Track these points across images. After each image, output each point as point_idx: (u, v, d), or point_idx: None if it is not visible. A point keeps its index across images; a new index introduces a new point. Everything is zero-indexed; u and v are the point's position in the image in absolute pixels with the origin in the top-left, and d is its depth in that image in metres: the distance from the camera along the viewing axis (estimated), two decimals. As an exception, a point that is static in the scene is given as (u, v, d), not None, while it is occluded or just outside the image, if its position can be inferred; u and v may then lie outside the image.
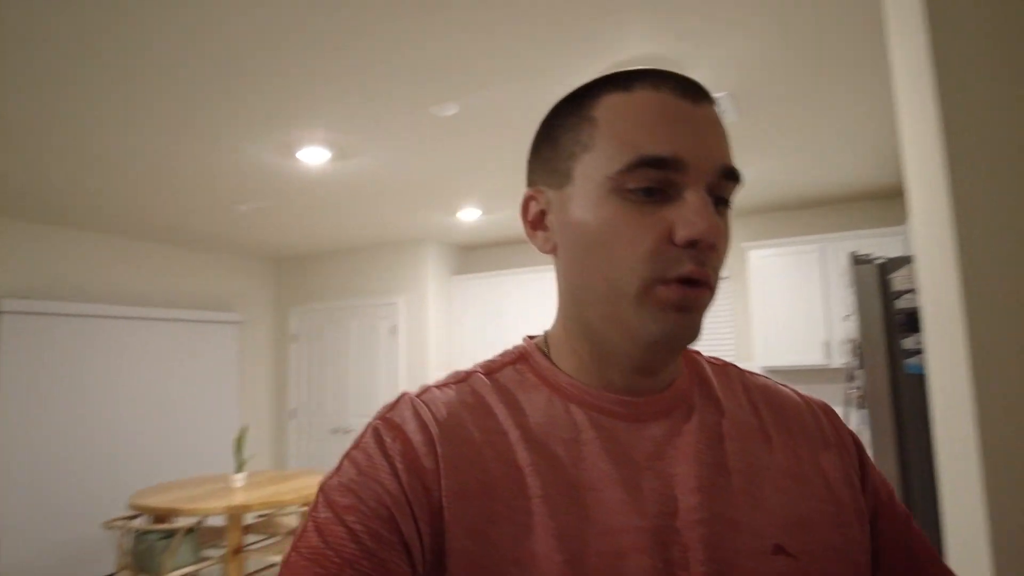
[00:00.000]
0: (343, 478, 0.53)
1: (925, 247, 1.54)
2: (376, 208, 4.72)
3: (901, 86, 1.66)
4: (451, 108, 2.95)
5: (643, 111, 0.53)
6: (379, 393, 5.83)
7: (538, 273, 5.68)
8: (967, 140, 1.22)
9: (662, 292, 0.53)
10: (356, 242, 5.86)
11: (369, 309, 5.99)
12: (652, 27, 2.35)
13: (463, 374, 0.63)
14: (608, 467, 0.54)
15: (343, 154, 3.51)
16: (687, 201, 0.52)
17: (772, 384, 0.67)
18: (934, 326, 1.53)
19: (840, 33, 2.40)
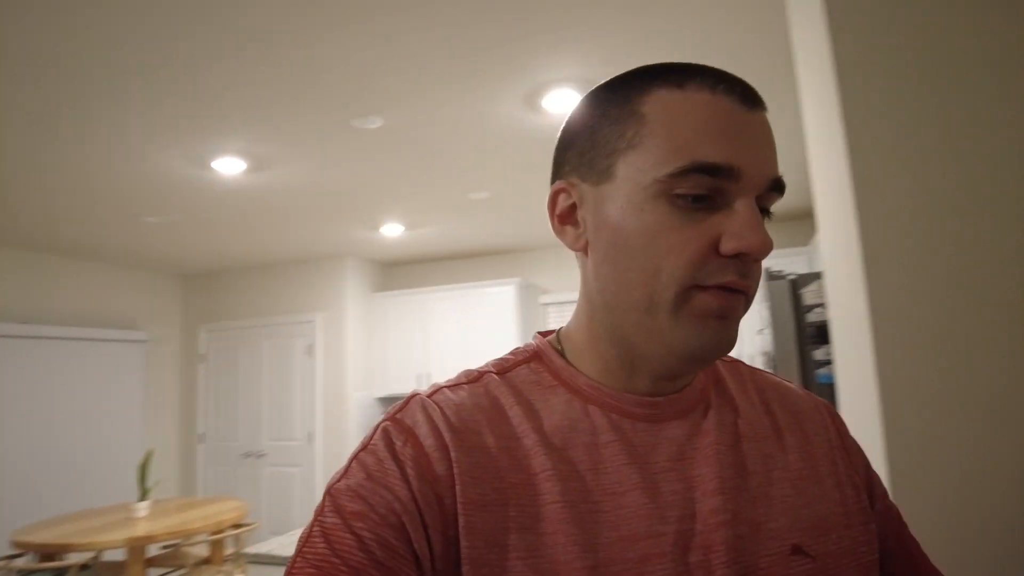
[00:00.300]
0: (351, 481, 0.51)
1: (833, 264, 1.62)
2: (294, 222, 4.58)
3: (809, 112, 1.76)
4: (375, 121, 2.91)
5: (699, 113, 0.50)
6: (294, 415, 5.62)
7: (462, 290, 5.65)
8: (871, 163, 1.30)
9: (700, 299, 0.51)
10: (272, 257, 5.66)
11: (284, 327, 5.79)
12: (578, 51, 2.41)
13: (475, 373, 0.60)
14: (629, 471, 0.53)
15: (260, 165, 3.39)
16: (738, 212, 0.50)
17: (782, 382, 0.67)
18: (842, 337, 1.61)
19: (751, 61, 2.53)
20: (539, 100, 2.80)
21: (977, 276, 1.21)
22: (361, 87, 2.59)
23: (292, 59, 2.34)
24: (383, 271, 6.34)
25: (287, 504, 5.54)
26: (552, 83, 2.67)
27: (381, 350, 5.86)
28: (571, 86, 2.69)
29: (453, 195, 4.15)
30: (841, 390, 1.62)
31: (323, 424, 5.53)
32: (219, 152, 3.18)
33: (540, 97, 2.78)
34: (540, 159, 3.54)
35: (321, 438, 5.50)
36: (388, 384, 5.77)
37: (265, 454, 5.66)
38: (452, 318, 5.65)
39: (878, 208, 1.29)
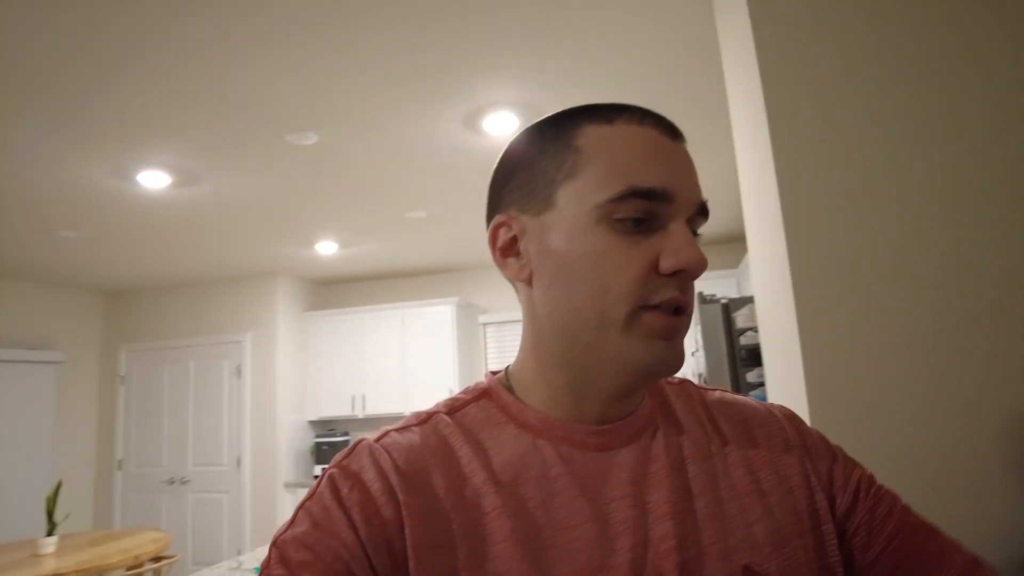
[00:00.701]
0: (297, 531, 0.51)
1: (763, 288, 1.68)
2: (224, 238, 4.42)
3: (740, 138, 1.82)
4: (310, 137, 2.85)
5: (631, 142, 0.54)
6: (222, 438, 5.38)
7: (399, 310, 5.58)
8: (800, 195, 1.36)
9: (648, 318, 0.53)
10: (199, 274, 5.44)
11: (212, 348, 5.56)
12: (517, 75, 2.43)
13: (424, 415, 0.60)
14: (580, 503, 0.53)
15: (189, 179, 3.27)
16: (673, 233, 0.53)
17: (730, 396, 0.67)
18: (773, 360, 1.66)
19: (686, 87, 2.61)
20: (479, 122, 2.81)
21: (902, 298, 1.27)
22: (297, 103, 2.54)
23: (226, 72, 2.27)
24: (316, 290, 6.19)
25: (214, 533, 5.28)
26: (492, 106, 2.68)
27: (314, 371, 5.70)
28: (510, 109, 2.71)
29: (390, 214, 4.10)
30: (772, 411, 1.66)
31: (252, 448, 5.32)
32: (144, 165, 3.05)
33: (480, 119, 2.78)
34: (479, 179, 3.54)
35: (250, 463, 5.29)
36: (320, 407, 5.61)
37: (190, 480, 5.39)
38: (388, 338, 5.56)
39: (806, 235, 1.34)
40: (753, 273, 1.80)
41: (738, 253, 5.32)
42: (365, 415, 5.49)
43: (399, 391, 5.45)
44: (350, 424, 5.75)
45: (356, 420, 5.68)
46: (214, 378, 5.50)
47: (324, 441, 5.38)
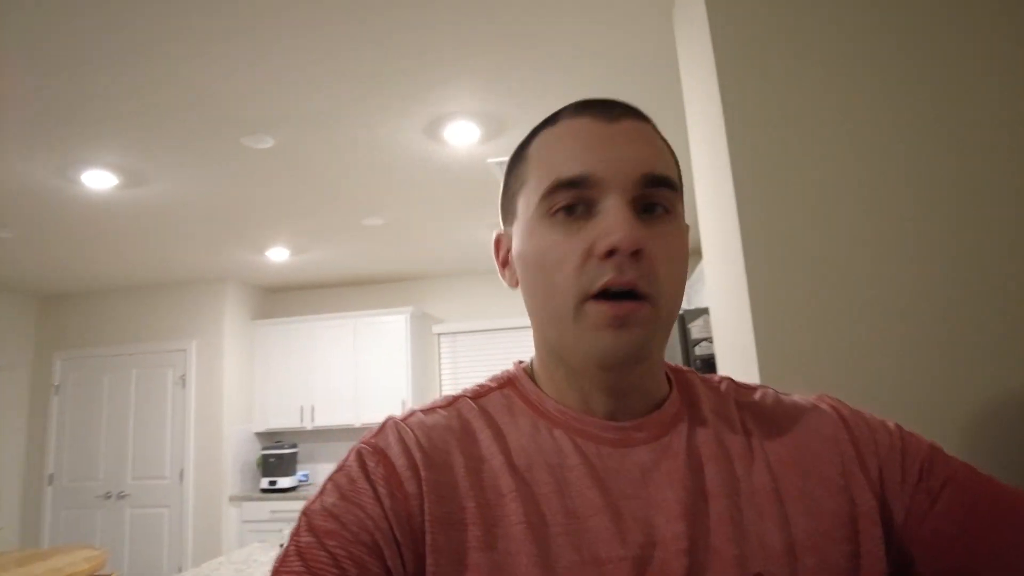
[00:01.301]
0: (325, 502, 0.53)
1: (719, 300, 1.72)
2: (170, 242, 4.29)
3: (696, 152, 1.87)
4: (267, 140, 2.80)
5: (562, 139, 0.57)
6: (164, 451, 5.17)
7: (352, 319, 5.49)
8: (756, 206, 1.40)
9: (591, 308, 0.53)
10: (143, 279, 5.25)
11: (154, 356, 5.35)
12: (479, 86, 2.44)
13: (451, 398, 0.63)
14: (593, 494, 0.54)
15: (136, 180, 3.16)
16: (604, 214, 0.53)
17: (772, 396, 0.64)
18: (727, 369, 1.70)
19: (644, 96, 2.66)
20: (440, 130, 2.81)
21: (856, 306, 1.32)
22: (254, 105, 2.49)
23: (181, 71, 2.21)
24: (266, 297, 6.04)
25: (154, 549, 5.05)
26: (453, 115, 2.68)
27: (261, 381, 5.55)
28: (472, 119, 2.72)
29: (346, 220, 4.05)
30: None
31: (196, 460, 5.13)
32: (90, 164, 2.94)
33: (441, 128, 2.78)
34: (439, 188, 3.53)
35: (193, 475, 5.10)
36: (268, 418, 5.47)
37: (128, 495, 5.16)
38: (340, 348, 5.47)
39: (763, 246, 1.38)
40: (708, 284, 1.84)
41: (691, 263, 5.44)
42: (314, 427, 5.37)
43: (350, 402, 5.35)
44: (298, 436, 5.62)
45: (305, 432, 5.55)
46: (157, 387, 5.29)
47: (271, 453, 5.23)
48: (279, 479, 5.15)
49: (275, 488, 5.14)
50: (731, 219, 1.45)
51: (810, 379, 1.31)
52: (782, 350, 1.34)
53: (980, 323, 1.27)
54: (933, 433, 1.24)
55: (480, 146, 2.99)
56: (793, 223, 1.38)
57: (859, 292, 1.33)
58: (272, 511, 5.02)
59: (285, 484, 5.15)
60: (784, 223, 1.38)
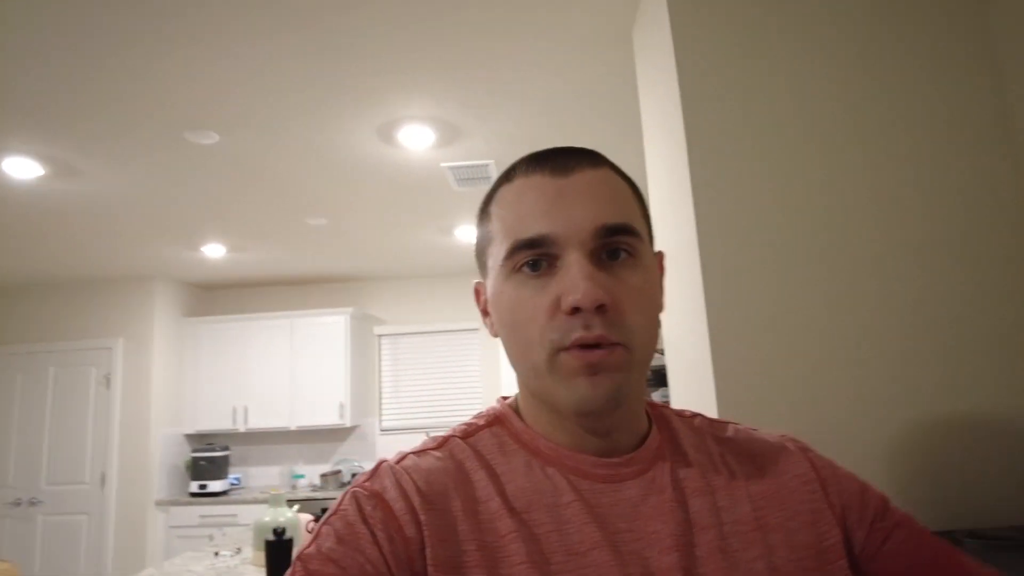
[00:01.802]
0: (322, 546, 0.52)
1: (672, 313, 1.77)
2: (98, 237, 4.06)
3: (653, 170, 1.92)
4: (211, 136, 2.69)
5: (519, 198, 0.58)
6: (84, 454, 4.90)
7: (289, 318, 5.36)
8: (714, 224, 1.45)
9: (563, 359, 0.54)
10: (65, 274, 4.95)
11: (75, 354, 5.06)
12: (435, 93, 2.42)
13: (440, 439, 0.63)
14: (591, 530, 0.55)
15: (64, 171, 2.98)
16: (564, 271, 0.54)
17: (744, 431, 0.68)
18: (680, 379, 1.76)
19: (602, 106, 2.71)
20: (394, 133, 2.77)
21: (809, 320, 1.38)
22: (200, 100, 2.39)
23: (123, 62, 2.10)
24: (198, 295, 5.81)
25: (70, 560, 4.78)
26: (408, 119, 2.65)
27: (192, 381, 5.34)
28: (427, 124, 2.70)
29: (288, 219, 3.95)
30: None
31: (120, 463, 4.88)
32: (11, 151, 2.75)
33: (395, 130, 2.75)
34: (389, 190, 3.48)
35: (116, 480, 4.85)
36: (199, 419, 5.26)
37: (42, 501, 4.86)
38: (276, 348, 5.32)
39: (719, 263, 1.43)
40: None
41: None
42: (247, 429, 5.21)
43: (285, 404, 5.22)
44: (231, 438, 5.43)
45: (238, 434, 5.37)
46: (78, 387, 5.00)
47: (202, 456, 5.04)
48: (210, 483, 4.97)
49: (205, 492, 4.95)
50: (689, 240, 1.49)
51: (765, 395, 1.36)
52: (738, 368, 1.39)
53: (939, 337, 1.35)
54: (887, 444, 1.30)
55: (434, 150, 2.97)
56: (751, 238, 1.43)
57: (816, 310, 1.39)
58: (202, 516, 4.83)
59: (216, 488, 4.96)
60: (742, 238, 1.43)
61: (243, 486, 5.36)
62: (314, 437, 5.50)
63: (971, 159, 1.42)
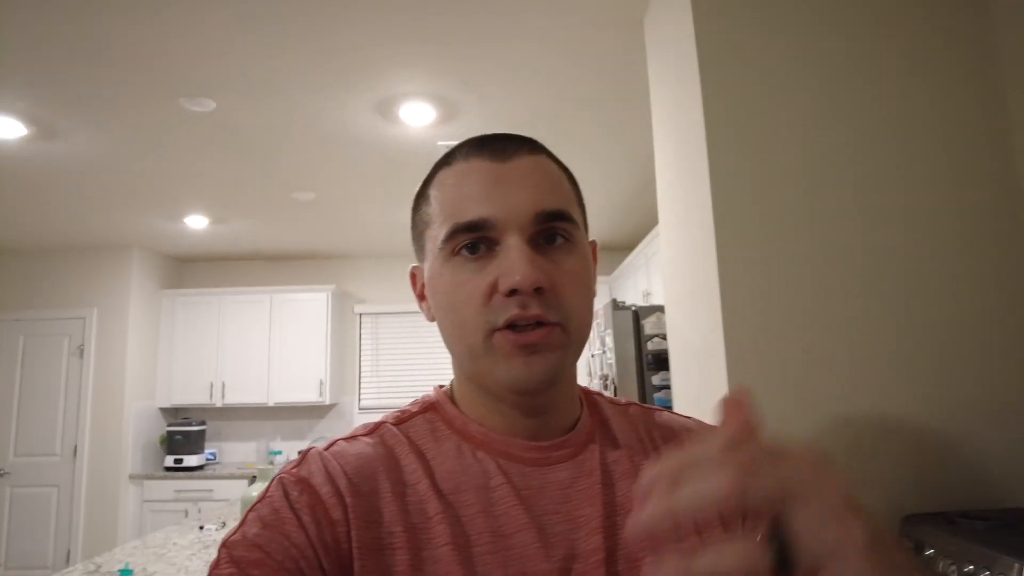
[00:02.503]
0: (248, 533, 0.52)
1: (679, 301, 1.79)
2: (76, 203, 3.95)
3: (662, 156, 1.93)
4: (207, 104, 2.63)
5: (457, 182, 0.59)
6: (55, 426, 4.78)
7: (269, 294, 5.29)
8: (732, 214, 1.47)
9: (498, 339, 0.55)
10: (37, 241, 4.79)
11: (47, 323, 4.92)
12: (436, 69, 2.40)
13: (372, 426, 0.63)
14: (517, 512, 0.56)
15: (47, 132, 2.89)
16: (503, 254, 0.56)
17: (672, 418, 0.71)
18: (683, 365, 1.78)
19: (607, 84, 2.71)
20: (393, 110, 2.74)
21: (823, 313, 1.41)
22: (197, 66, 2.33)
23: (117, 24, 2.04)
24: (176, 267, 5.69)
25: (39, 532, 4.67)
26: (407, 95, 2.62)
27: (168, 355, 5.25)
28: (427, 101, 2.68)
29: (275, 192, 3.88)
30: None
31: (92, 437, 4.78)
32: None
33: (394, 107, 2.72)
34: (384, 167, 3.45)
35: (87, 453, 4.75)
36: (173, 393, 5.18)
37: (8, 473, 4.74)
38: (255, 323, 5.25)
39: (736, 251, 1.45)
40: (666, 284, 1.91)
41: (609, 262, 5.59)
42: (224, 404, 5.15)
43: (262, 380, 5.17)
44: (207, 413, 5.36)
45: (214, 409, 5.30)
46: (50, 357, 4.87)
47: (178, 430, 4.96)
48: (185, 457, 4.90)
49: (180, 467, 4.89)
50: (704, 217, 1.51)
51: (776, 381, 1.39)
52: (751, 353, 1.42)
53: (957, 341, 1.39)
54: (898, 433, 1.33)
55: (432, 128, 2.94)
56: (769, 224, 1.45)
57: (833, 300, 1.42)
58: (177, 491, 4.78)
59: (192, 463, 4.90)
60: (760, 224, 1.45)
61: (219, 461, 5.30)
62: (292, 414, 5.46)
63: (1005, 145, 1.46)
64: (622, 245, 5.46)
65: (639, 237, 5.00)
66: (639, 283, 4.20)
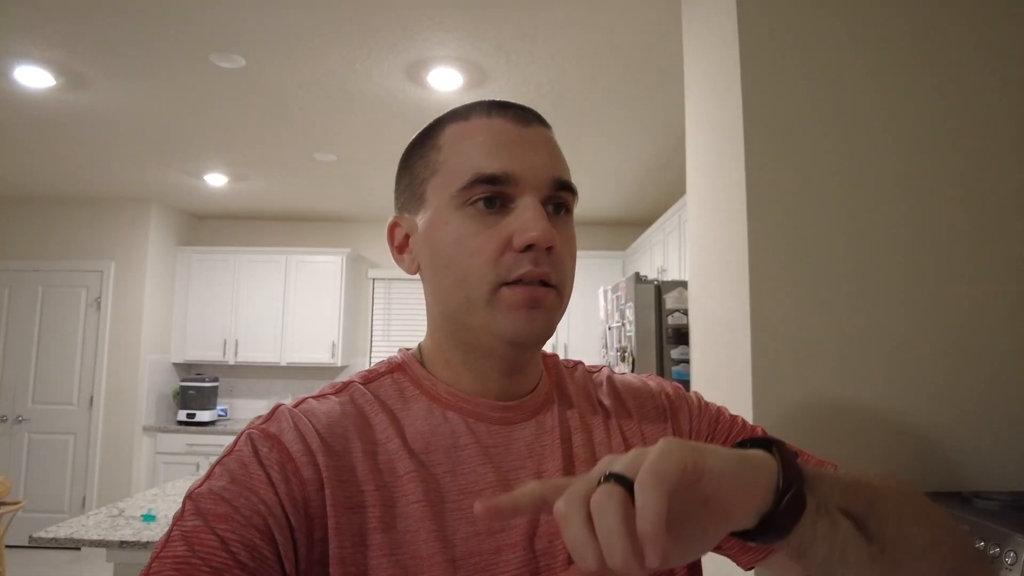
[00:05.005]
0: (215, 485, 0.51)
1: (703, 278, 1.81)
2: (100, 155, 3.97)
3: (693, 137, 1.93)
4: (238, 60, 2.63)
5: (478, 135, 0.60)
6: (72, 375, 4.87)
7: (284, 255, 5.33)
8: (766, 192, 1.48)
9: (507, 294, 0.57)
10: (58, 191, 4.83)
11: (65, 274, 4.97)
12: (467, 34, 2.39)
13: (340, 385, 0.64)
14: (484, 470, 0.58)
15: (75, 82, 2.89)
16: (521, 210, 0.58)
17: (615, 375, 0.75)
18: (705, 342, 1.81)
19: (630, 76, 2.70)
20: (422, 74, 2.73)
21: (853, 296, 1.43)
22: (230, 22, 2.33)
23: (160, -27, 2.04)
24: (194, 224, 5.73)
25: (56, 477, 4.79)
26: (436, 60, 2.62)
27: (183, 311, 5.31)
28: (455, 66, 2.67)
29: (298, 152, 3.89)
30: (697, 387, 1.81)
31: (108, 388, 4.87)
32: (24, 58, 2.66)
33: (423, 71, 2.71)
34: (406, 133, 3.44)
35: (103, 403, 4.85)
36: (187, 349, 5.25)
37: (27, 419, 4.84)
38: (270, 283, 5.30)
39: (768, 230, 1.46)
40: (692, 260, 1.93)
41: (626, 237, 5.60)
42: (237, 361, 5.22)
43: (275, 340, 5.23)
44: (220, 369, 5.44)
45: (227, 366, 5.38)
46: (68, 308, 4.93)
47: (191, 385, 5.04)
48: (198, 412, 4.99)
49: (193, 421, 4.98)
50: (738, 205, 1.52)
51: (800, 362, 1.41)
52: (777, 327, 1.43)
53: (983, 324, 1.41)
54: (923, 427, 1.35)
55: (459, 94, 2.93)
56: (801, 211, 1.46)
57: (866, 279, 1.42)
58: (188, 444, 4.87)
59: (204, 418, 4.99)
60: (795, 212, 1.46)
61: (230, 418, 5.39)
62: (303, 374, 5.53)
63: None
64: (638, 220, 5.46)
65: (656, 213, 5.00)
66: (655, 258, 4.22)
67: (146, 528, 2.21)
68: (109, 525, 2.24)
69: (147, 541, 2.09)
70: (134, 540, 2.09)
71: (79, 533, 2.14)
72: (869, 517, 0.51)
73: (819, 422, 1.38)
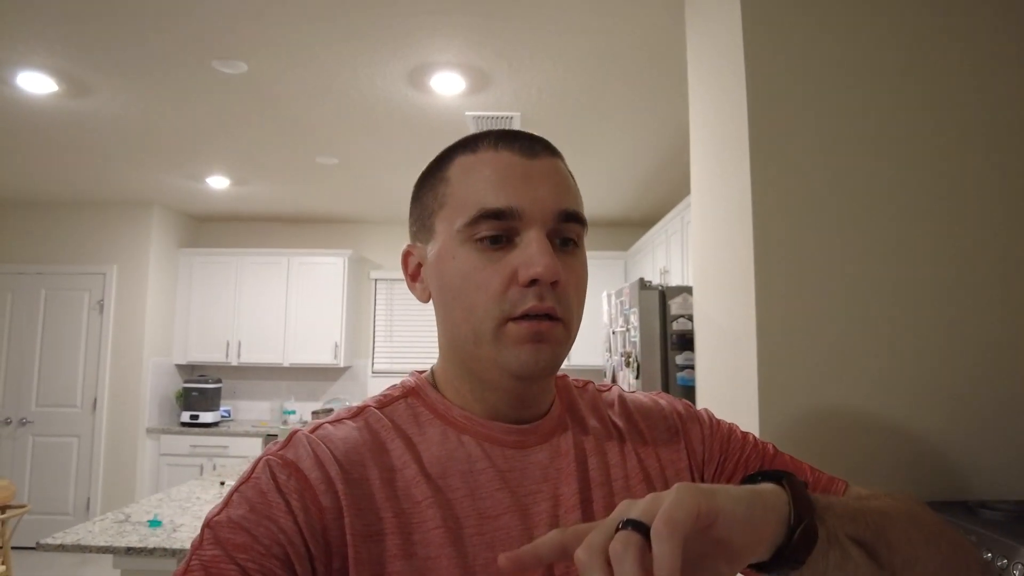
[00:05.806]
0: (233, 514, 0.51)
1: (706, 284, 1.81)
2: (103, 160, 3.97)
3: (696, 137, 1.92)
4: (239, 66, 2.63)
5: (484, 169, 0.60)
6: (75, 378, 4.88)
7: (286, 256, 5.33)
8: (772, 197, 1.47)
9: (512, 329, 0.57)
10: (62, 195, 4.82)
11: (69, 278, 4.98)
12: (469, 39, 2.39)
13: (356, 409, 0.63)
14: (502, 495, 0.59)
15: (77, 89, 2.89)
16: (526, 245, 0.58)
17: (626, 395, 0.75)
18: (710, 347, 1.81)
19: (632, 81, 2.70)
20: (424, 79, 2.73)
21: (861, 302, 1.42)
22: (232, 28, 2.33)
23: (163, -19, 2.04)
24: (195, 226, 5.73)
25: (61, 480, 4.80)
26: (438, 65, 2.61)
27: (186, 313, 5.31)
28: (458, 71, 2.66)
29: (299, 155, 3.89)
30: (701, 394, 1.81)
31: (111, 390, 4.88)
32: (27, 65, 2.66)
33: (425, 76, 2.71)
34: (410, 136, 3.45)
35: (107, 405, 4.86)
36: (190, 351, 5.26)
37: (31, 422, 4.85)
38: (272, 285, 5.30)
39: (774, 236, 1.45)
40: (695, 268, 1.93)
41: (627, 237, 5.60)
42: (240, 363, 5.23)
43: (278, 341, 5.23)
44: (223, 371, 5.44)
45: (229, 367, 5.39)
46: (71, 311, 4.94)
47: (194, 387, 5.05)
48: (201, 413, 5.00)
49: (196, 423, 4.99)
50: (742, 209, 1.51)
51: (807, 368, 1.41)
52: (782, 334, 1.43)
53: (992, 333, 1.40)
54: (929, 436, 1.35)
55: (461, 99, 2.93)
56: (807, 217, 1.45)
57: (873, 286, 1.42)
58: (192, 446, 4.88)
59: (208, 419, 5.00)
60: (801, 219, 1.46)
61: (233, 419, 5.40)
62: (306, 375, 5.54)
63: None
64: (640, 221, 5.46)
65: (658, 213, 5.00)
66: (657, 259, 4.21)
67: (152, 534, 2.22)
68: (115, 531, 2.25)
69: (153, 547, 2.09)
70: (140, 546, 2.10)
71: (85, 539, 2.14)
72: (879, 544, 0.52)
73: (825, 430, 1.38)
